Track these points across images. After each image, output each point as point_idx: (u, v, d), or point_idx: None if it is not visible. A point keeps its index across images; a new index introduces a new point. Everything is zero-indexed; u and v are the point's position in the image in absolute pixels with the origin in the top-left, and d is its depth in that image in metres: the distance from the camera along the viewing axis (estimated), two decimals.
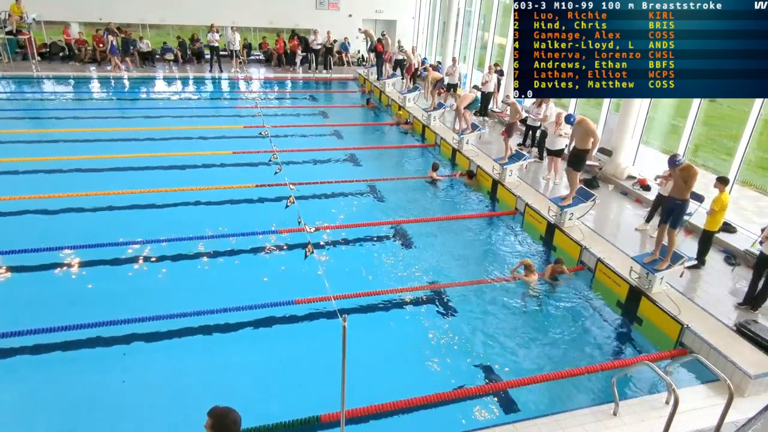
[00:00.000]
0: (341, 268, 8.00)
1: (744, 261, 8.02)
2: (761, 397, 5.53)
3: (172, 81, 19.93)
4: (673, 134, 12.67)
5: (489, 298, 7.38)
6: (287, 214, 7.41)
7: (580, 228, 8.75)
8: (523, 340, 6.56)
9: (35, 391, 5.42)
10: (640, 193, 10.42)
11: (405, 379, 5.83)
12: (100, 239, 8.04)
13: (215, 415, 2.83)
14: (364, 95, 19.40)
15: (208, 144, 12.93)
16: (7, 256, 7.54)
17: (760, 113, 8.82)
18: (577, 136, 8.67)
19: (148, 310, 6.41)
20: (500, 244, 9.28)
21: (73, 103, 16.63)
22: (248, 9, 22.17)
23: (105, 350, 5.99)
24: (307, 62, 22.36)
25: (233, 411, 2.85)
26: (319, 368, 5.69)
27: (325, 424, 4.97)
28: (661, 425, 4.61)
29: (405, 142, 14.92)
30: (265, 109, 15.04)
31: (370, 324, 6.76)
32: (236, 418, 2.84)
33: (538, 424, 5.07)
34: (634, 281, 7.15)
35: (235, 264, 8.02)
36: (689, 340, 6.26)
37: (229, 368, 5.87)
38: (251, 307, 6.63)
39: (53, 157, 11.42)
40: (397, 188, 11.20)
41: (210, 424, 2.82)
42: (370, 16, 24.13)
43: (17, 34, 18.53)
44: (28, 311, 6.52)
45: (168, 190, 9.99)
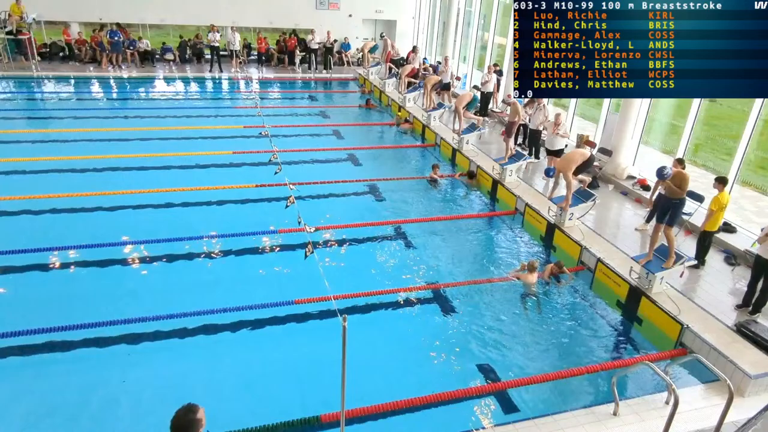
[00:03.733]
0: (341, 268, 8.00)
1: (744, 261, 8.02)
2: (761, 397, 5.53)
3: (172, 81, 19.93)
4: (673, 134, 12.68)
5: (489, 298, 7.38)
6: (287, 214, 7.43)
7: (580, 228, 8.75)
8: (523, 340, 6.56)
9: (36, 391, 5.42)
10: (640, 193, 10.42)
11: (405, 379, 5.83)
12: (99, 239, 8.04)
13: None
14: (364, 95, 19.40)
15: (208, 144, 12.93)
16: (7, 256, 7.54)
17: (760, 113, 8.82)
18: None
19: (147, 310, 6.42)
20: (500, 244, 9.29)
21: (72, 103, 16.64)
22: (248, 9, 22.18)
23: (105, 350, 5.99)
24: (306, 62, 22.36)
25: (180, 411, 2.87)
26: (319, 368, 5.70)
27: (325, 424, 4.97)
28: (661, 425, 4.61)
29: (405, 142, 14.92)
30: (265, 109, 15.03)
31: (370, 324, 6.76)
32: (178, 418, 2.85)
33: (538, 424, 5.07)
34: (634, 281, 7.15)
35: (235, 264, 8.02)
36: (689, 340, 6.26)
37: (229, 368, 5.88)
38: (251, 307, 6.63)
39: (53, 157, 11.43)
40: (397, 188, 11.20)
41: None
42: (370, 16, 24.14)
43: (17, 34, 18.54)
44: (28, 311, 6.51)
45: (168, 190, 9.99)
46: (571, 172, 8.55)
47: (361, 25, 24.14)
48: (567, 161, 8.71)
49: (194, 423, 2.83)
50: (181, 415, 2.85)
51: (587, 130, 13.31)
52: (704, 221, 7.64)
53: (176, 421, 2.83)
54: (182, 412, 2.86)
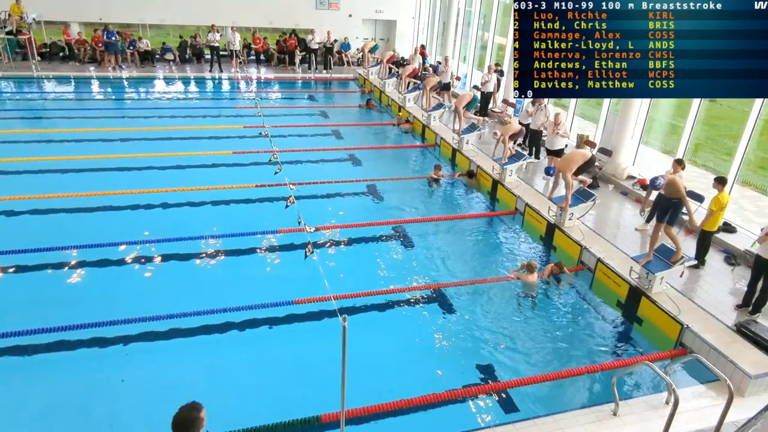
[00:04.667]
0: (341, 268, 7.99)
1: (744, 261, 8.02)
2: (761, 397, 5.53)
3: (172, 81, 19.93)
4: (673, 134, 12.68)
5: (489, 298, 7.38)
6: (287, 214, 7.43)
7: (580, 228, 8.75)
8: (523, 340, 6.56)
9: (36, 390, 5.42)
10: (640, 193, 10.41)
11: (405, 379, 5.83)
12: (99, 239, 8.04)
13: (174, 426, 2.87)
14: (364, 95, 19.40)
15: (209, 144, 12.93)
16: (7, 256, 7.54)
17: (760, 113, 8.82)
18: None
19: (147, 310, 6.42)
20: (500, 244, 9.28)
21: (73, 103, 16.63)
22: (248, 9, 22.18)
23: (105, 350, 5.99)
24: (306, 62, 22.36)
25: (184, 407, 2.89)
26: (319, 368, 5.69)
27: (325, 424, 4.97)
28: (661, 425, 4.61)
29: (405, 142, 14.92)
30: (265, 109, 15.02)
31: (370, 324, 6.76)
32: (181, 414, 2.87)
33: (538, 424, 5.07)
34: (634, 281, 7.15)
35: (235, 264, 8.02)
36: (689, 340, 6.26)
37: (229, 368, 5.88)
38: (251, 307, 6.63)
39: (53, 157, 11.43)
40: (397, 188, 11.20)
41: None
42: (370, 16, 24.14)
43: (17, 34, 18.54)
44: (28, 311, 6.51)
45: (168, 190, 9.99)
46: (571, 173, 8.55)
47: (361, 25, 24.13)
48: (567, 161, 8.71)
49: (196, 421, 2.84)
50: (184, 411, 2.86)
51: (587, 130, 13.31)
52: (703, 220, 7.65)
53: (179, 417, 2.84)
54: (186, 409, 2.87)
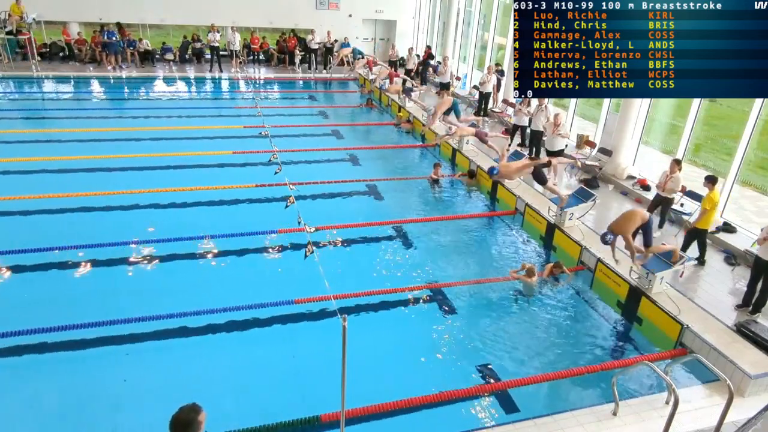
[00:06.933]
0: (341, 268, 7.99)
1: (744, 261, 8.03)
2: (761, 397, 5.53)
3: (172, 81, 19.93)
4: (673, 134, 12.68)
5: (489, 298, 7.39)
6: (287, 214, 7.43)
7: (580, 228, 8.75)
8: (523, 340, 6.56)
9: (36, 390, 5.42)
10: (640, 193, 10.42)
11: (405, 379, 5.83)
12: (99, 239, 8.03)
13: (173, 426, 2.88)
14: (364, 95, 19.40)
15: (208, 144, 12.92)
16: (7, 256, 7.54)
17: (760, 113, 8.82)
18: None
19: (147, 310, 6.41)
20: (500, 244, 9.28)
21: (72, 103, 16.63)
22: (248, 9, 22.17)
23: (105, 350, 5.99)
24: (306, 62, 22.36)
25: (184, 407, 2.90)
26: (319, 368, 5.69)
27: (325, 424, 4.97)
28: (661, 425, 4.61)
29: (405, 142, 14.91)
30: (265, 109, 15.02)
31: (370, 324, 6.76)
32: (180, 415, 2.88)
33: (538, 424, 5.07)
34: (634, 281, 7.15)
35: (235, 264, 8.01)
36: (689, 340, 6.26)
37: (229, 368, 5.88)
38: (251, 307, 6.63)
39: (53, 157, 11.42)
40: (397, 188, 11.20)
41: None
42: (370, 16, 24.13)
43: (17, 34, 18.54)
44: (28, 311, 6.51)
45: (168, 190, 9.98)
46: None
47: (361, 25, 24.12)
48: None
49: (195, 422, 2.85)
50: (184, 412, 2.87)
51: (587, 130, 13.32)
52: (696, 219, 7.83)
53: (178, 418, 2.85)
54: (186, 409, 2.88)
